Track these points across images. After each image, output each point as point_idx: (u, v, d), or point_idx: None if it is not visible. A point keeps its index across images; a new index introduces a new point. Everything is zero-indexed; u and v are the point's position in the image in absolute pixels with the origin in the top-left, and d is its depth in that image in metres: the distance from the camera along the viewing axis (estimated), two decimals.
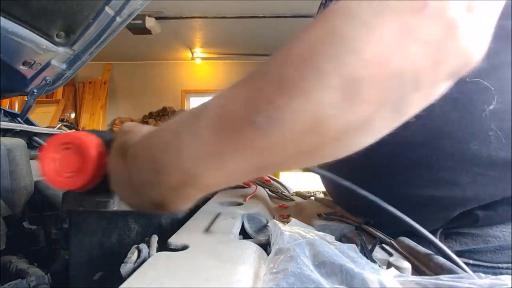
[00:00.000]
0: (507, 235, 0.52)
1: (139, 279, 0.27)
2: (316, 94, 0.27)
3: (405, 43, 0.27)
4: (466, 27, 0.27)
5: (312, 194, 0.89)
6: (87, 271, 0.52)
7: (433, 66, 0.28)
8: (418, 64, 0.28)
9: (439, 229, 0.56)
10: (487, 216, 0.52)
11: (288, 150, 0.30)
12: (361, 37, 0.27)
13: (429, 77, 0.29)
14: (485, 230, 0.53)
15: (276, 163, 0.32)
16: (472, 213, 0.53)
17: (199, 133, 0.31)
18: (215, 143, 0.30)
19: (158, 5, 4.54)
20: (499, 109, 0.48)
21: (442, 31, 0.27)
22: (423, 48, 0.27)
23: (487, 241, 0.53)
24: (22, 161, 0.76)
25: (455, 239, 0.55)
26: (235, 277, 0.28)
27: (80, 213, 0.53)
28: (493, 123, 0.48)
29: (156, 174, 0.34)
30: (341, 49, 0.27)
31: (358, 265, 0.30)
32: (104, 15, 1.13)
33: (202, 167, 0.32)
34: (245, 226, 0.49)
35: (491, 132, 0.49)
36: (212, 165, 0.31)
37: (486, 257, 0.53)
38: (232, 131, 0.30)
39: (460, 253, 0.53)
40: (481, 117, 0.49)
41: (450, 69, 0.29)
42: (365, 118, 0.29)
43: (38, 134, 1.13)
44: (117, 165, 0.39)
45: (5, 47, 1.00)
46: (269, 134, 0.29)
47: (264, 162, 0.31)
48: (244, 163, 0.31)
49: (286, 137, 0.29)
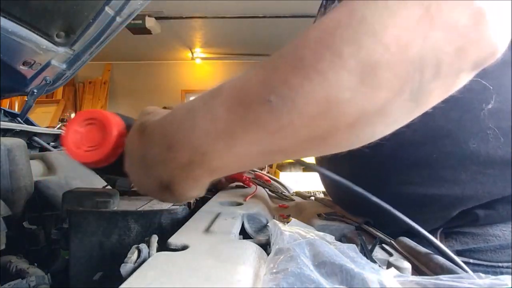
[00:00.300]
0: (508, 234, 0.52)
1: (139, 279, 0.27)
2: (332, 75, 0.27)
3: (427, 28, 0.26)
4: (493, 15, 0.27)
5: (312, 194, 0.89)
6: (87, 271, 0.52)
7: (455, 54, 0.27)
8: (440, 50, 0.27)
9: (440, 229, 0.56)
10: (487, 215, 0.52)
11: (301, 133, 0.29)
12: (381, 20, 0.26)
13: (451, 66, 0.28)
14: (486, 229, 0.53)
15: (287, 148, 0.31)
16: (472, 212, 0.53)
17: (213, 110, 0.31)
18: (228, 121, 0.30)
19: (158, 5, 4.55)
20: (497, 108, 0.49)
21: (468, 18, 0.26)
22: (447, 35, 0.26)
23: (488, 240, 0.53)
24: (22, 161, 0.76)
25: (456, 238, 0.55)
26: (235, 277, 0.28)
27: (80, 213, 0.53)
28: (491, 122, 0.49)
29: (168, 151, 0.34)
30: (360, 32, 0.27)
31: (358, 265, 0.30)
32: (104, 15, 1.13)
33: (212, 145, 0.31)
34: (245, 226, 0.49)
35: (489, 131, 0.49)
36: (223, 143, 0.31)
37: (487, 256, 0.53)
38: (246, 109, 0.30)
39: (461, 253, 0.54)
40: (479, 116, 0.49)
41: (473, 59, 0.28)
42: (381, 105, 0.28)
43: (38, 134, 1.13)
44: (133, 142, 0.39)
45: (5, 47, 1.00)
46: (282, 114, 0.28)
47: (275, 146, 0.30)
48: (255, 145, 0.30)
49: (298, 118, 0.28)
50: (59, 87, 1.44)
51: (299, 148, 0.31)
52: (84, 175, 0.93)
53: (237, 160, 0.32)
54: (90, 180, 0.93)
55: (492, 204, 0.52)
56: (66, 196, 0.57)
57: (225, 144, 0.31)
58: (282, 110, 0.28)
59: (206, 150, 0.32)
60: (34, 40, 1.06)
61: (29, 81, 1.24)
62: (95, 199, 0.56)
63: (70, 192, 0.58)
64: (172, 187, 0.36)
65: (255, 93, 0.29)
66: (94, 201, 0.56)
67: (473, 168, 0.51)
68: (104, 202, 0.55)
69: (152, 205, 0.60)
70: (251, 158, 0.32)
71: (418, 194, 0.54)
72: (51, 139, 1.23)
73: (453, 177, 0.51)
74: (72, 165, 0.94)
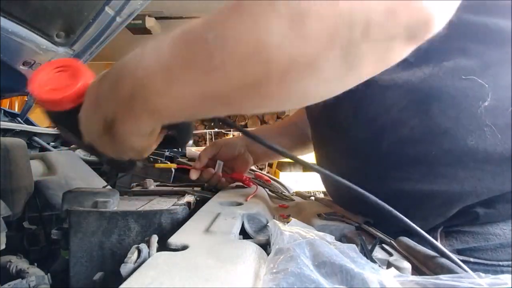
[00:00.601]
0: (508, 232, 0.52)
1: (139, 279, 0.27)
2: (263, 19, 0.28)
3: None
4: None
5: (312, 194, 0.89)
6: (87, 271, 0.52)
7: (385, 14, 0.28)
8: (369, 8, 0.27)
9: (440, 227, 0.56)
10: (487, 213, 0.52)
11: (233, 77, 0.30)
12: None
13: (381, 27, 0.28)
14: (485, 228, 0.53)
15: (223, 94, 0.32)
16: (472, 210, 0.53)
17: (159, 47, 0.33)
18: (169, 59, 0.32)
19: (158, 5, 4.54)
20: (493, 106, 0.49)
21: None
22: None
23: (488, 239, 0.53)
24: (22, 161, 0.76)
25: (456, 237, 0.55)
26: (235, 277, 0.28)
27: (80, 213, 0.53)
28: (488, 119, 0.49)
29: (115, 84, 0.36)
30: None
31: (358, 265, 0.30)
32: (104, 15, 1.13)
33: (152, 79, 0.33)
34: (245, 226, 0.49)
35: (486, 128, 0.50)
36: (161, 79, 0.32)
37: (487, 255, 0.53)
38: (186, 47, 0.32)
39: (461, 251, 0.54)
40: (476, 114, 0.50)
41: (404, 23, 0.28)
42: (311, 55, 0.29)
43: (38, 134, 1.13)
44: (92, 86, 0.41)
45: (5, 47, 1.00)
46: (215, 51, 0.29)
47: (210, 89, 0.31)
48: (191, 85, 0.32)
49: (229, 59, 0.30)
50: None
51: (234, 95, 0.32)
52: (84, 175, 0.93)
53: (176, 101, 0.34)
54: (90, 180, 0.93)
55: (491, 202, 0.52)
56: (66, 196, 0.57)
57: (164, 79, 0.32)
58: (216, 48, 0.29)
59: (146, 83, 0.33)
60: (34, 40, 1.06)
61: None
62: (95, 199, 0.56)
63: (70, 192, 0.58)
64: (114, 125, 0.38)
65: (197, 32, 0.31)
66: (94, 201, 0.56)
67: (471, 164, 0.51)
68: (104, 202, 0.55)
69: (152, 205, 0.60)
70: (189, 101, 0.33)
71: (417, 191, 0.54)
72: (51, 139, 1.23)
73: (452, 174, 0.52)
74: (72, 165, 0.94)
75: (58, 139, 1.26)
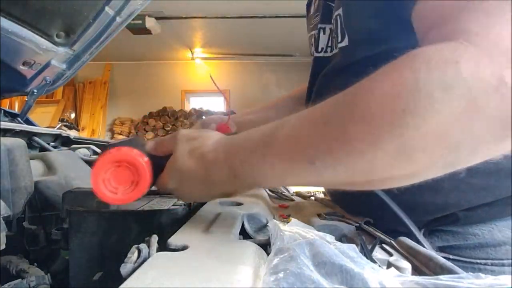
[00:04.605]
0: (486, 233, 0.55)
1: (139, 279, 0.27)
2: (370, 155, 0.31)
3: (469, 119, 0.27)
4: None
5: (312, 194, 0.89)
6: (87, 271, 0.52)
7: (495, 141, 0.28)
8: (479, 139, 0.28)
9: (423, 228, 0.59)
10: (467, 216, 0.55)
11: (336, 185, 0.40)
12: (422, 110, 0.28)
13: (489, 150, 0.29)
14: (466, 228, 0.56)
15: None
16: (453, 213, 0.56)
17: (268, 159, 0.38)
18: (280, 169, 0.38)
19: (158, 5, 4.53)
20: None
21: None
22: (488, 125, 0.27)
23: (467, 238, 0.56)
24: (22, 161, 0.76)
25: (438, 235, 0.58)
26: (235, 277, 0.28)
27: (80, 213, 0.53)
28: None
29: (234, 178, 0.42)
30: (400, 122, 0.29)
31: (358, 265, 0.30)
32: (104, 15, 1.13)
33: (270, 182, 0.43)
34: (245, 226, 0.49)
35: None
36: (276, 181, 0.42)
37: (465, 253, 0.56)
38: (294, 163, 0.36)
39: (442, 249, 0.57)
40: None
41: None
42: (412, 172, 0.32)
43: (38, 134, 1.13)
44: (190, 165, 0.44)
45: (5, 47, 1.00)
46: (323, 174, 0.35)
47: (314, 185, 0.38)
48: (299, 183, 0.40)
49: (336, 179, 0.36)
50: (59, 87, 1.44)
51: None
52: (84, 175, 0.93)
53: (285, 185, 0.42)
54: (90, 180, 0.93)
55: (472, 207, 0.55)
56: (66, 196, 0.57)
57: (278, 182, 0.42)
58: (324, 173, 0.35)
59: (264, 183, 0.46)
60: (34, 40, 1.06)
61: (29, 81, 1.24)
62: (95, 199, 0.56)
63: (70, 192, 0.58)
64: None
65: (303, 154, 0.35)
66: (94, 201, 0.56)
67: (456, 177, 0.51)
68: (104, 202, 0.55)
69: (152, 205, 0.60)
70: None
71: (402, 201, 0.55)
72: (51, 139, 1.23)
73: (436, 186, 0.52)
74: (72, 165, 0.94)
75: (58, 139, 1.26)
